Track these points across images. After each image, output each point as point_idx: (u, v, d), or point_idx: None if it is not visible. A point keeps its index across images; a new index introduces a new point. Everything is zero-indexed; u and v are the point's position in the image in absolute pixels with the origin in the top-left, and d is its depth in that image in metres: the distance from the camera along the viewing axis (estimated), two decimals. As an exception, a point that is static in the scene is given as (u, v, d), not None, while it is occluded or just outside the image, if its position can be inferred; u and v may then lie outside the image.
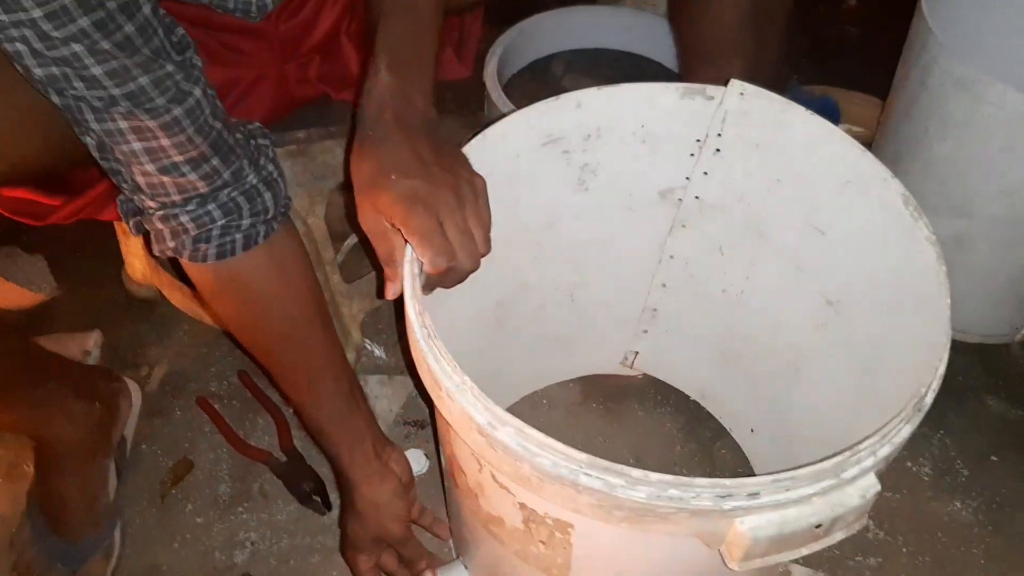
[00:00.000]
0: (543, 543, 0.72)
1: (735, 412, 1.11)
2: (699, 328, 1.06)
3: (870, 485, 0.58)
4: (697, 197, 0.94)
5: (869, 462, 0.58)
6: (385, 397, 1.17)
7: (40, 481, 0.97)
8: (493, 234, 0.70)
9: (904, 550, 1.03)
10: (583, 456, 0.57)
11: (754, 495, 0.56)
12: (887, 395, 0.64)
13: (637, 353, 1.17)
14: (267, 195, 0.75)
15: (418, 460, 1.08)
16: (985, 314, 1.19)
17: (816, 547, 0.60)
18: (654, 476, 0.56)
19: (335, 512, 1.06)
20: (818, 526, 0.58)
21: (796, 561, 1.01)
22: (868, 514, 0.61)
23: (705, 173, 0.91)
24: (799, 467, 0.56)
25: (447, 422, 0.71)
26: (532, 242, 0.94)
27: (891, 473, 1.09)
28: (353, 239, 1.23)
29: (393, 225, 0.66)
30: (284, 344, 0.84)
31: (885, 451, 0.59)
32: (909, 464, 1.10)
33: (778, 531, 0.57)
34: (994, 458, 1.11)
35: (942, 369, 0.64)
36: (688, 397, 1.16)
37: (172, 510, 1.07)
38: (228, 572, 1.02)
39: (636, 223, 0.96)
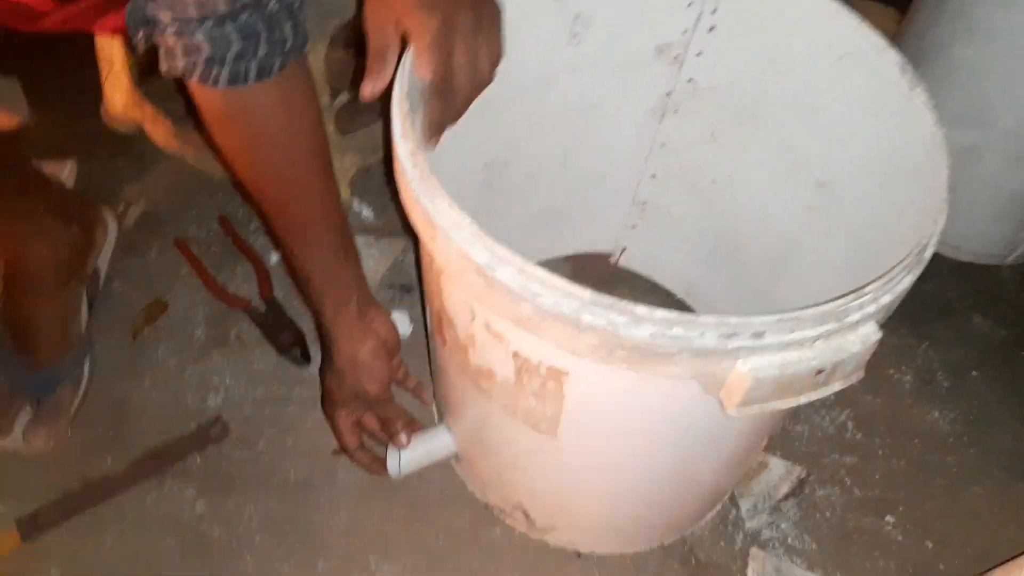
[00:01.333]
0: (534, 395, 0.71)
1: (719, 310, 1.10)
2: (688, 221, 1.04)
3: (871, 332, 0.57)
4: (690, 80, 0.91)
5: (872, 308, 0.57)
6: (371, 258, 1.13)
7: (9, 301, 0.93)
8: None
9: (880, 452, 1.03)
10: (586, 293, 0.55)
11: (759, 335, 0.54)
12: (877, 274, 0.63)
13: (625, 249, 1.15)
14: (287, 25, 0.70)
15: (402, 322, 1.05)
16: (980, 232, 1.19)
17: (814, 395, 0.59)
18: (659, 313, 0.54)
19: (314, 366, 1.03)
20: (819, 372, 0.57)
21: (775, 453, 1.02)
22: (863, 365, 0.60)
23: (699, 54, 0.88)
24: (804, 308, 0.55)
25: (439, 269, 0.68)
26: (523, 100, 0.90)
27: (873, 379, 1.09)
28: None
29: (399, 27, 0.65)
30: (283, 183, 0.79)
31: (887, 299, 0.58)
32: (892, 372, 1.10)
33: (779, 373, 0.55)
34: (975, 373, 1.11)
35: (941, 224, 0.63)
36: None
37: (144, 349, 1.04)
38: (200, 414, 0.99)
39: (630, 85, 0.93)
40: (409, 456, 0.91)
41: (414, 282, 1.11)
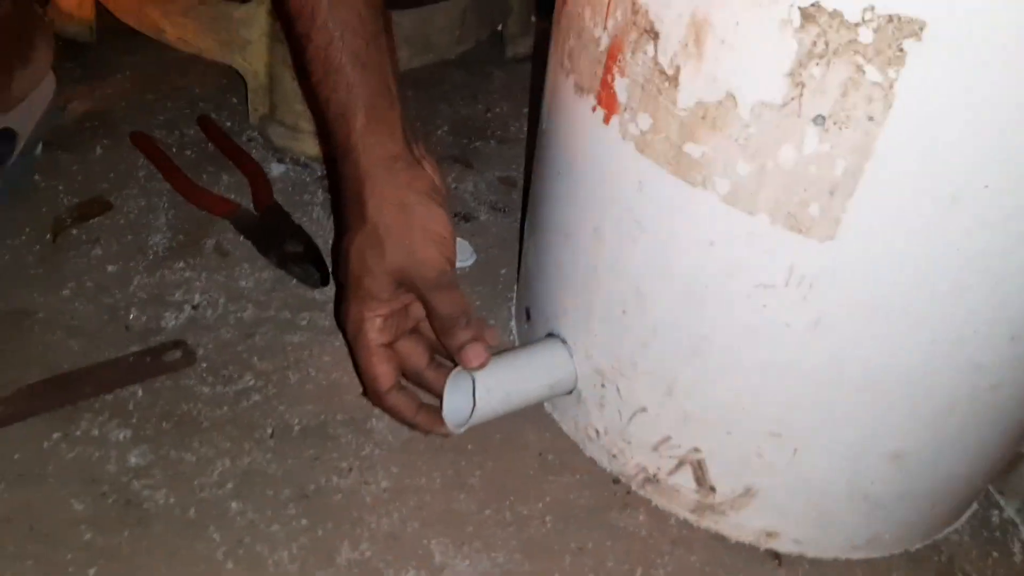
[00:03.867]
0: (822, 125, 0.39)
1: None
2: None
3: None
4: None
5: None
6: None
7: None
8: None
9: None
10: None
11: None
12: None
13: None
14: None
15: (463, 251, 0.73)
16: None
17: None
18: None
19: (332, 291, 0.68)
20: None
21: None
22: None
23: None
24: None
25: None
26: None
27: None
28: None
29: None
30: None
31: None
32: None
33: None
34: None
35: None
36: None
37: (68, 252, 0.67)
38: (147, 336, 0.62)
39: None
40: (489, 384, 0.54)
41: (473, 210, 0.78)
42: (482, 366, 0.53)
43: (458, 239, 0.69)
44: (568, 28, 0.51)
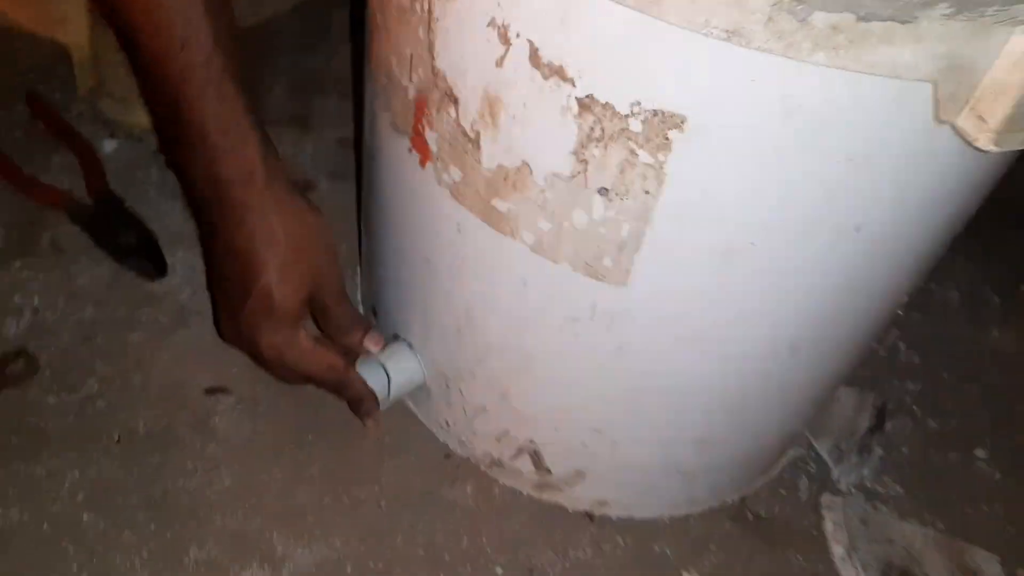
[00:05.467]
0: (606, 196, 0.43)
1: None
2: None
3: None
4: None
5: None
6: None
7: None
8: None
9: (945, 377, 0.79)
10: None
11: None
12: None
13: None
14: None
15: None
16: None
17: None
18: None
19: (175, 281, 0.70)
20: None
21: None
22: None
23: None
24: None
25: None
26: None
27: (916, 295, 0.86)
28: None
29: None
30: None
31: None
32: (934, 287, 0.87)
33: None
34: None
35: None
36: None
37: None
38: (-13, 347, 0.64)
39: None
40: (396, 367, 0.62)
41: (313, 178, 0.80)
42: (384, 348, 0.62)
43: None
44: (378, 68, 0.52)
